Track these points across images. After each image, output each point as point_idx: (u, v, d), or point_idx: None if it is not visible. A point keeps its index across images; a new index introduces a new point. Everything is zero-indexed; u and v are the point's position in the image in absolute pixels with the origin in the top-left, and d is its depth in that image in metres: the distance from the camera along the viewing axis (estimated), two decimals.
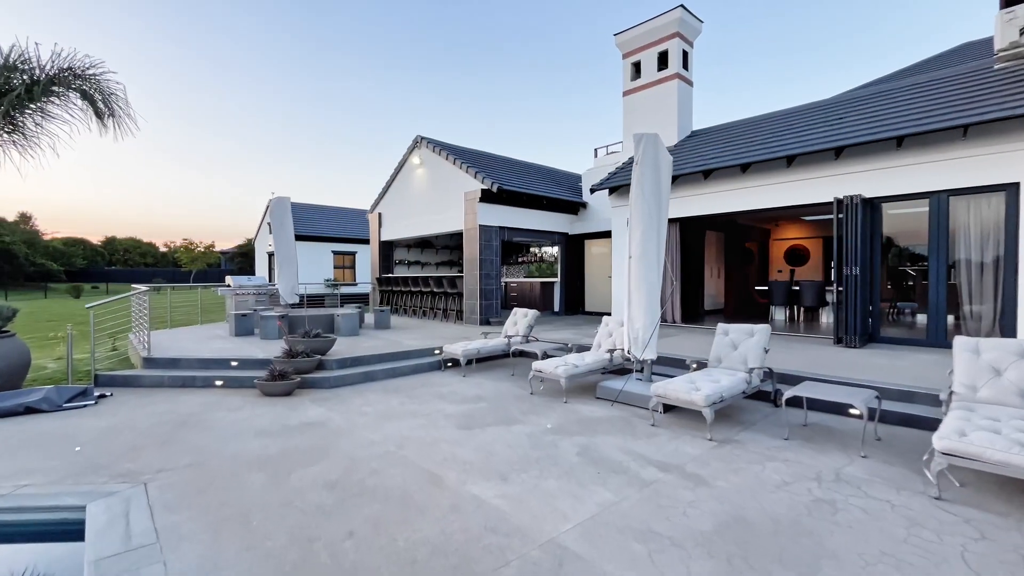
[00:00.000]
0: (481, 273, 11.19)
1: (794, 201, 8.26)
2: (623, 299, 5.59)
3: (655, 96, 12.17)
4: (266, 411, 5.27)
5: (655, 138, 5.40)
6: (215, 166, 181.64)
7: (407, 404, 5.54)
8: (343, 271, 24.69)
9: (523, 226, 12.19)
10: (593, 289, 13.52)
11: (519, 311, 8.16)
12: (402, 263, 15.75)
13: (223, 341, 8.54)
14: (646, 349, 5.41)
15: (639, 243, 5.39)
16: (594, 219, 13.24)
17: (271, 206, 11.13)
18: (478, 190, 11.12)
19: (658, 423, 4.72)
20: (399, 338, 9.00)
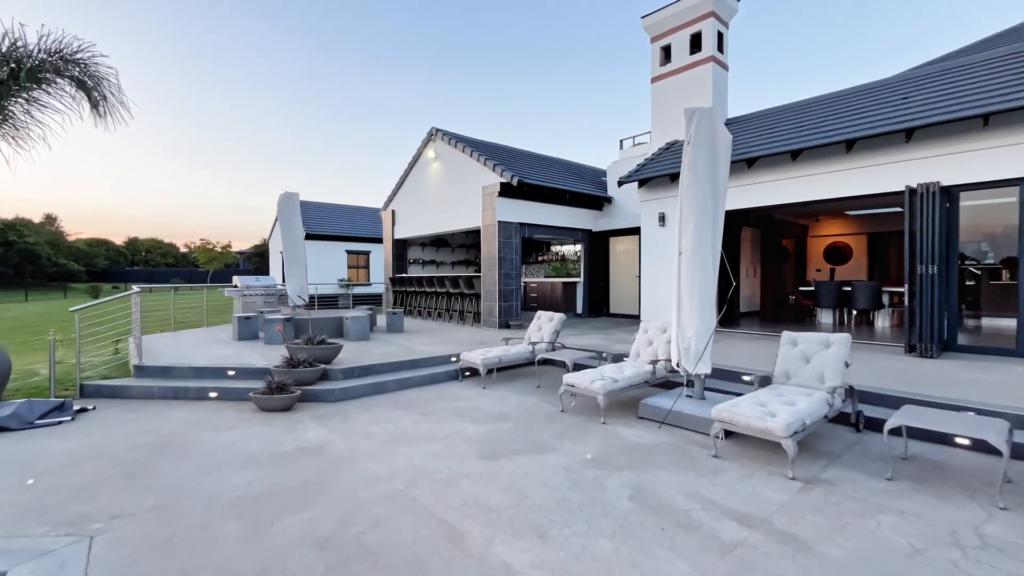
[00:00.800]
0: (500, 273, 10.45)
1: (855, 191, 7.33)
2: (672, 303, 4.78)
3: (687, 82, 11.28)
4: (259, 431, 4.59)
5: (710, 113, 4.58)
6: (231, 167, 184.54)
7: (420, 423, 4.81)
8: (357, 271, 24.20)
9: (544, 222, 11.41)
10: (619, 290, 12.68)
11: (543, 315, 7.39)
12: (416, 262, 15.10)
13: (224, 346, 7.93)
14: (699, 362, 4.60)
15: (691, 237, 4.58)
16: (620, 215, 12.39)
17: (279, 203, 10.54)
18: (497, 184, 10.37)
19: (721, 453, 3.91)
20: (412, 343, 8.30)
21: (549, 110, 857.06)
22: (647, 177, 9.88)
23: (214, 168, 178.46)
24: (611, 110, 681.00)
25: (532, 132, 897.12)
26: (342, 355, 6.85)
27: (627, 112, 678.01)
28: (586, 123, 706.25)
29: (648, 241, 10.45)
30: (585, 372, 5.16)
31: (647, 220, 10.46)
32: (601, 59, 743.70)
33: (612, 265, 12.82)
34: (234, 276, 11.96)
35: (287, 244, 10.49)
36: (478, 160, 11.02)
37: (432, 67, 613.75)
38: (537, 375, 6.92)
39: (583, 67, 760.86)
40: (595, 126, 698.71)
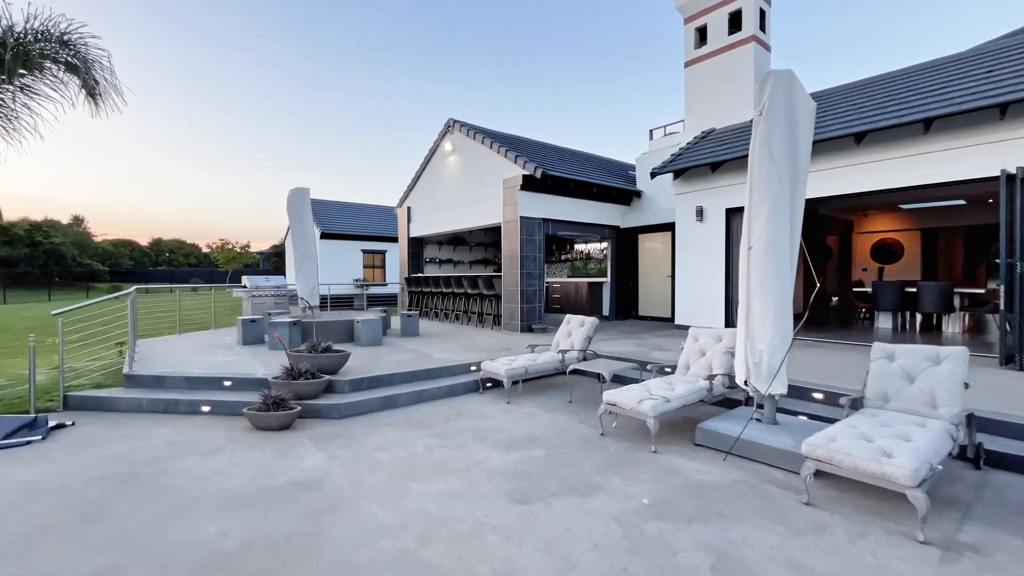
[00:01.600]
0: (522, 272, 9.70)
1: (934, 178, 6.38)
2: (739, 308, 3.96)
3: (725, 65, 10.38)
4: (248, 456, 3.92)
5: (789, 77, 3.75)
6: (250, 168, 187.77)
7: (436, 448, 4.09)
8: (373, 271, 23.73)
9: (569, 218, 10.62)
10: (648, 290, 11.82)
11: (573, 319, 6.62)
12: (433, 261, 14.45)
13: (226, 352, 7.35)
14: (774, 380, 3.78)
15: (764, 227, 3.76)
16: (650, 210, 11.53)
17: (289, 199, 9.95)
18: (519, 176, 9.63)
19: (814, 499, 3.09)
20: (428, 349, 7.60)
21: (572, 101, 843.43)
22: (684, 167, 9.02)
23: (234, 169, 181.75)
24: (638, 100, 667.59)
25: (554, 125, 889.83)
26: (350, 363, 6.18)
27: (655, 102, 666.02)
28: (611, 115, 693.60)
29: (684, 237, 9.59)
30: (628, 388, 4.38)
31: (683, 215, 9.59)
32: (626, 46, 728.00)
33: (641, 264, 11.96)
34: (243, 276, 11.45)
35: (297, 242, 9.90)
36: (498, 152, 10.29)
37: (448, 60, 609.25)
38: (567, 387, 6.15)
39: (607, 55, 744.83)
40: (620, 118, 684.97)
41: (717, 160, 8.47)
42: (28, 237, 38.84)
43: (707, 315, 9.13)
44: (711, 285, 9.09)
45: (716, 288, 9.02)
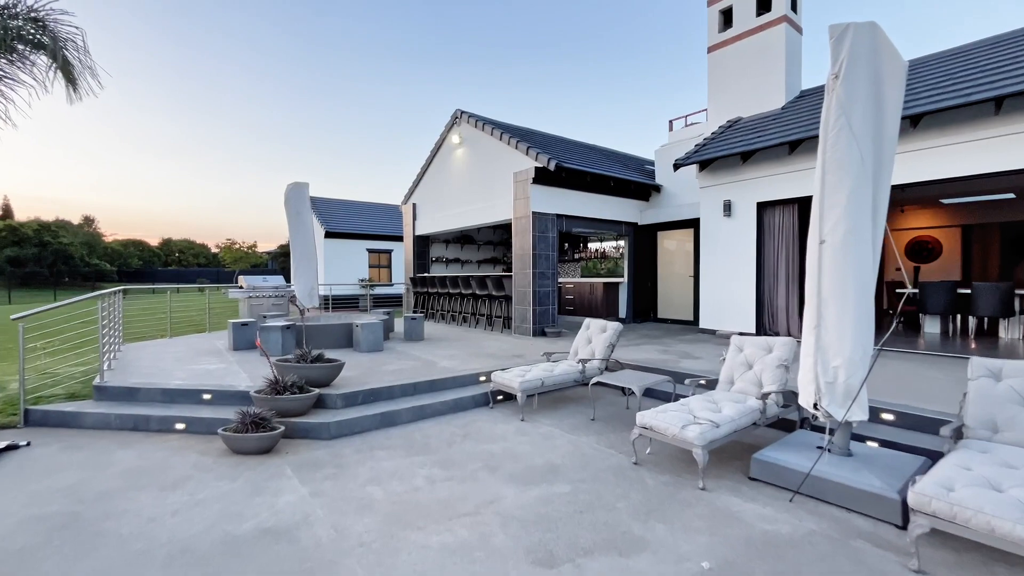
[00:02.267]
0: (534, 272, 9.03)
1: (1008, 164, 5.62)
2: (810, 317, 3.25)
3: (753, 48, 9.64)
4: (216, 491, 3.29)
5: (872, 30, 3.04)
6: (259, 167, 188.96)
7: (439, 480, 3.44)
8: (378, 270, 23.18)
9: (584, 214, 9.93)
10: (668, 291, 11.09)
11: (594, 324, 5.94)
12: (439, 261, 13.82)
13: (214, 358, 6.75)
14: (853, 404, 3.08)
15: (842, 216, 3.06)
16: (670, 205, 10.81)
17: (286, 194, 9.38)
18: (531, 169, 8.96)
19: (927, 564, 2.39)
20: (434, 356, 6.95)
21: (583, 94, 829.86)
22: (710, 158, 8.30)
23: (242, 168, 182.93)
24: (650, 96, 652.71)
25: (561, 123, 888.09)
26: (347, 373, 5.55)
27: (670, 98, 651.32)
28: (621, 112, 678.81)
29: (709, 234, 8.86)
30: (666, 409, 3.70)
31: (708, 210, 8.87)
32: (642, 33, 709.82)
33: (660, 263, 11.24)
34: (240, 276, 10.90)
35: (295, 240, 9.33)
36: (509, 143, 9.63)
37: (455, 56, 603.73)
38: (588, 401, 5.48)
39: (621, 44, 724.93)
40: (631, 115, 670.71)
41: (748, 149, 7.74)
42: (36, 237, 38.82)
43: (735, 319, 8.41)
44: (740, 286, 8.36)
45: (746, 290, 8.30)
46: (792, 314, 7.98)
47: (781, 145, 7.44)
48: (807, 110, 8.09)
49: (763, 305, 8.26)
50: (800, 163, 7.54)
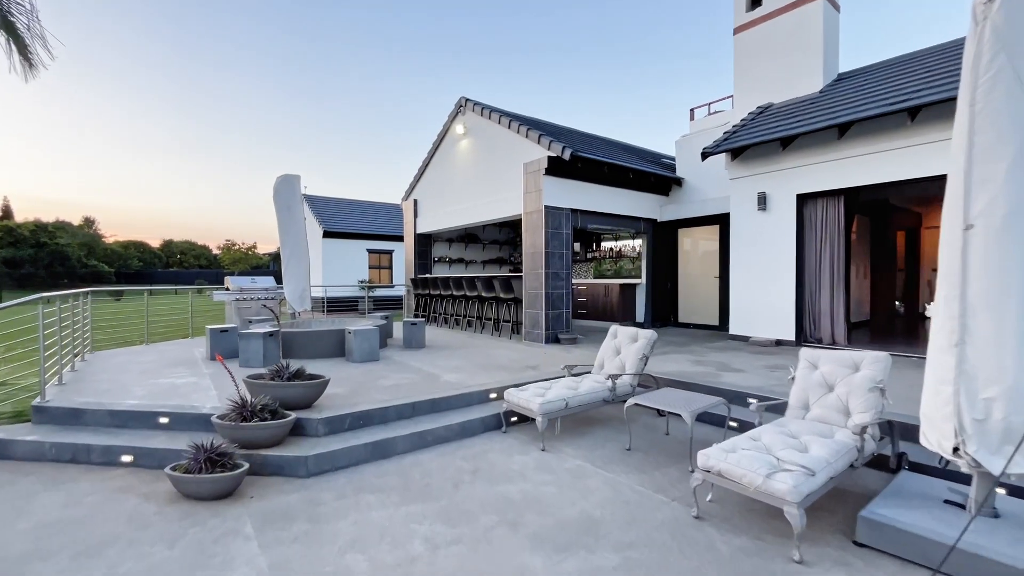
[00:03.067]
0: (548, 272, 8.19)
1: None
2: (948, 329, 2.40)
3: (786, 28, 8.80)
4: (146, 562, 2.46)
5: None
6: (258, 166, 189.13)
7: (443, 544, 2.61)
8: (379, 271, 22.39)
9: (600, 209, 9.10)
10: (690, 293, 10.23)
11: (622, 332, 5.10)
12: (442, 261, 13.00)
13: (185, 371, 5.93)
14: (1016, 452, 2.23)
15: (1001, 191, 2.21)
16: (692, 200, 9.96)
17: (275, 187, 8.60)
18: (543, 159, 8.13)
19: None
20: (436, 367, 6.12)
21: (594, 85, 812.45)
22: (745, 145, 7.46)
23: (243, 169, 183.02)
24: (670, 80, 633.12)
25: (574, 113, 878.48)
26: (333, 390, 4.73)
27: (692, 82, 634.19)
28: (638, 98, 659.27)
29: (741, 231, 8.02)
30: (734, 447, 2.85)
31: (739, 203, 8.03)
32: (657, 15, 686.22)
33: (681, 263, 10.39)
34: (226, 277, 10.10)
35: (286, 237, 8.54)
36: (519, 132, 8.81)
37: (457, 45, 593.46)
38: (620, 424, 4.64)
39: (635, 28, 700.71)
40: (649, 100, 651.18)
41: (791, 134, 6.90)
42: (33, 238, 38.23)
43: (772, 325, 7.56)
44: (777, 288, 7.51)
45: (783, 292, 7.45)
46: (838, 320, 7.12)
47: (828, 129, 6.60)
48: (855, 91, 7.25)
49: (804, 309, 7.41)
50: (849, 149, 6.70)
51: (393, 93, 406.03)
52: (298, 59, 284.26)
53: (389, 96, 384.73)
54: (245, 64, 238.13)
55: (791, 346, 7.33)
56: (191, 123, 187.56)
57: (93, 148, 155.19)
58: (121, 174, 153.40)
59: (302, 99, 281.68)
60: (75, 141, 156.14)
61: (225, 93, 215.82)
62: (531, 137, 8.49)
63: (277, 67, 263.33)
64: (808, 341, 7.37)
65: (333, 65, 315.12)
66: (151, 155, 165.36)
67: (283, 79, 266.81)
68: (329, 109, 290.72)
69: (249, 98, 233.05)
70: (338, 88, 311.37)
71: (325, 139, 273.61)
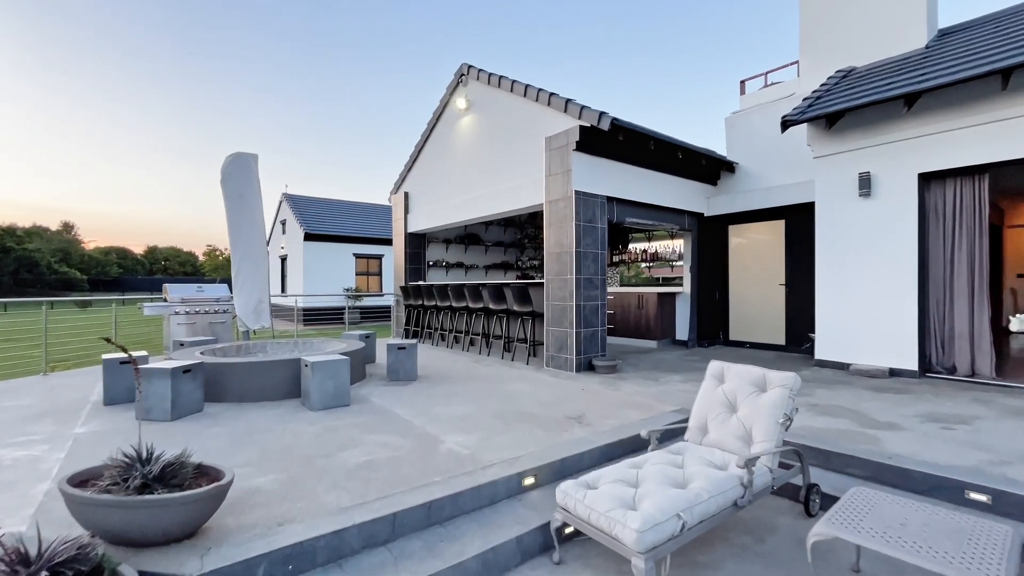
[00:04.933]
0: (579, 278, 6.25)
1: None
2: None
3: None
4: None
5: None
6: None
7: None
8: (367, 278, 20.37)
9: (641, 198, 7.20)
10: (744, 305, 8.33)
11: (736, 373, 3.11)
12: (438, 265, 11.03)
13: (46, 429, 3.89)
14: None
15: None
16: (748, 189, 8.08)
17: (224, 170, 6.67)
18: (574, 129, 6.21)
19: None
20: (433, 421, 4.12)
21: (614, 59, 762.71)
22: (850, 107, 5.58)
23: None
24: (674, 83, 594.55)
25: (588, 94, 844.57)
26: (260, 480, 2.74)
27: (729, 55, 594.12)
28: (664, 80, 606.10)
29: (832, 224, 6.14)
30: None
31: (830, 188, 6.16)
32: None
33: (733, 267, 8.50)
34: (165, 285, 8.06)
35: (236, 234, 6.58)
36: (538, 100, 6.91)
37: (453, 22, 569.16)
38: (750, 535, 2.67)
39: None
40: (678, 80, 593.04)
41: (924, 86, 5.03)
42: None
43: (882, 348, 5.66)
44: (891, 300, 5.63)
45: (900, 306, 5.56)
46: (980, 344, 5.23)
47: (982, 78, 4.75)
48: (954, 51, 5.44)
49: (928, 329, 5.52)
50: (1005, 107, 4.85)
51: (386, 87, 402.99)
52: (285, 60, 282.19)
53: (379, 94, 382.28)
54: (236, 67, 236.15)
55: (911, 377, 5.44)
56: (180, 128, 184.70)
57: (76, 153, 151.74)
58: (106, 180, 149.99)
59: (290, 101, 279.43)
60: (56, 146, 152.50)
61: (213, 97, 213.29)
62: (555, 105, 6.58)
63: (267, 70, 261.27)
64: (935, 371, 5.48)
65: (324, 63, 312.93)
66: (137, 160, 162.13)
67: (270, 81, 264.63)
68: (316, 111, 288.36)
69: (239, 102, 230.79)
70: (331, 87, 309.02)
71: (310, 140, 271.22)
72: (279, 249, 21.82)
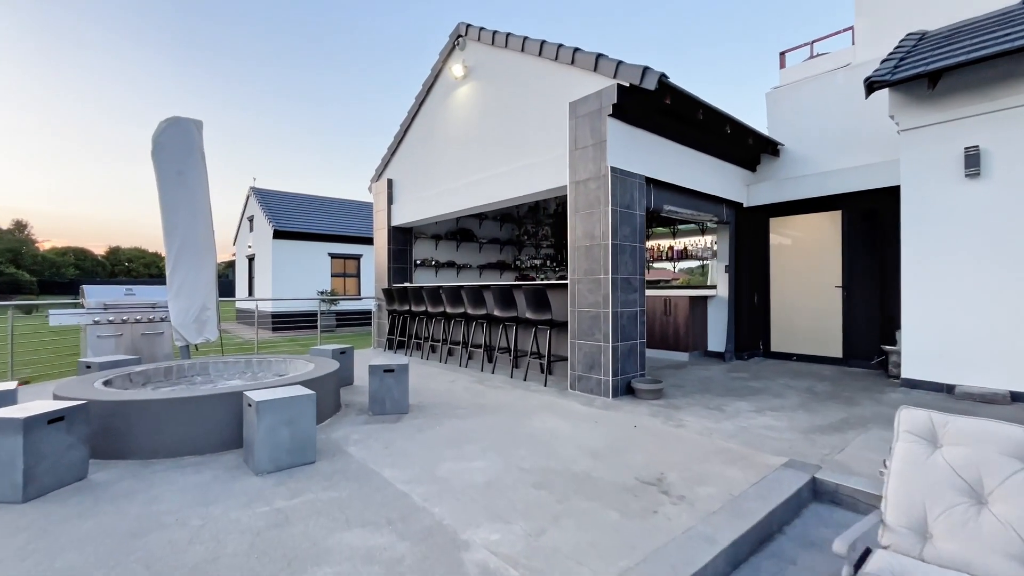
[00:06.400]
0: (615, 279, 4.92)
1: None
2: None
3: None
4: None
5: None
6: (216, 171, 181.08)
7: None
8: (343, 280, 18.71)
9: (681, 182, 5.93)
10: (789, 311, 7.14)
11: (990, 433, 1.83)
12: (426, 264, 9.59)
13: None
14: None
15: None
16: (795, 175, 6.90)
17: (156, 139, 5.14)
18: (609, 89, 4.89)
19: None
20: (444, 499, 2.73)
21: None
22: (969, 59, 4.41)
23: None
24: None
25: None
26: None
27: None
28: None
29: (925, 211, 4.97)
30: None
31: (920, 167, 4.99)
32: None
33: (775, 266, 7.31)
34: (83, 286, 6.43)
35: (173, 223, 5.09)
36: (557, 59, 5.58)
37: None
38: None
39: None
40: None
41: None
42: None
43: (1002, 366, 4.49)
44: (1002, 308, 4.47)
45: (1017, 312, 4.41)
46: None
47: None
48: None
49: None
50: None
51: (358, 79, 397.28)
52: (255, 55, 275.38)
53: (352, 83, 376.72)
54: (200, 62, 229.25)
55: None
56: (144, 124, 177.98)
57: (31, 151, 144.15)
58: (67, 178, 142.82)
59: (264, 95, 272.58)
60: (11, 144, 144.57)
61: (178, 95, 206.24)
62: (581, 63, 5.27)
63: (237, 65, 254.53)
64: None
65: (298, 59, 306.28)
66: (97, 159, 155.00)
67: (242, 70, 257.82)
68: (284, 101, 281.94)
69: (206, 99, 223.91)
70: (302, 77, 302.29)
71: (287, 135, 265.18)
72: (246, 248, 19.98)
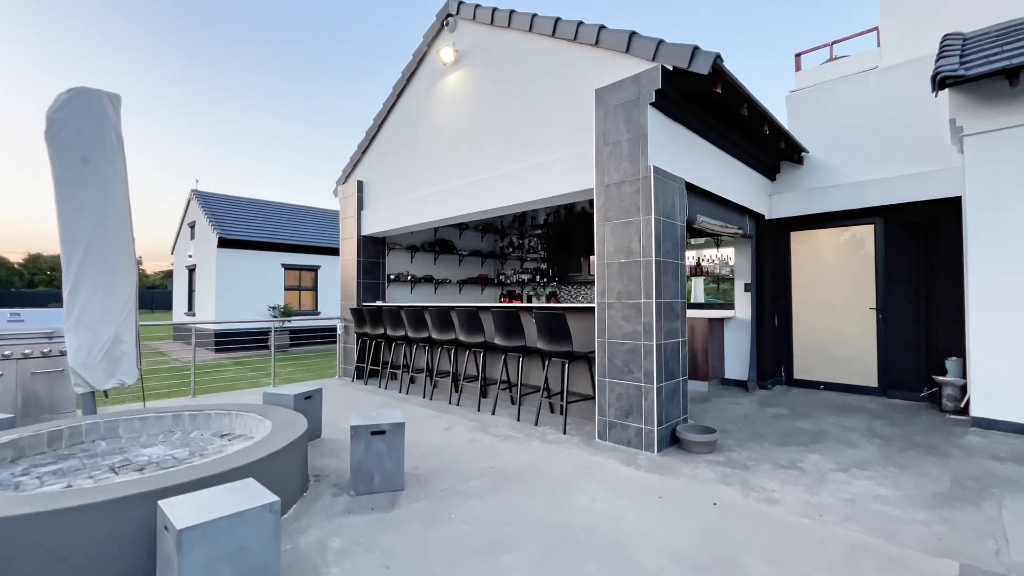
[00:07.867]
0: (659, 304, 4.00)
1: None
2: None
3: None
4: None
5: None
6: (155, 172, 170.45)
7: None
8: (299, 293, 17.03)
9: (715, 189, 5.11)
10: (813, 334, 6.47)
11: None
12: (400, 279, 8.38)
13: None
14: None
15: None
16: (822, 184, 6.28)
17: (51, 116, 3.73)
18: (652, 72, 4.00)
19: None
20: None
21: None
22: None
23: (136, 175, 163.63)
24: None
25: None
26: None
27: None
28: None
29: (1000, 223, 4.35)
30: None
31: (994, 174, 4.38)
32: None
33: (796, 285, 6.65)
34: None
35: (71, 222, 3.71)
36: (576, 40, 4.66)
37: None
38: None
39: None
40: None
41: None
42: None
43: None
44: None
45: None
46: None
47: None
48: None
49: None
50: None
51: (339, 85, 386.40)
52: (207, 49, 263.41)
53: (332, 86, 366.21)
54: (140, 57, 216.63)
55: None
56: None
57: None
58: None
59: (216, 95, 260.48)
60: None
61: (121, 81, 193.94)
62: (608, 44, 4.37)
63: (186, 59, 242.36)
64: None
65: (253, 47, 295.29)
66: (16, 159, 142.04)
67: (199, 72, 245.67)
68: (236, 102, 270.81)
69: (154, 96, 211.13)
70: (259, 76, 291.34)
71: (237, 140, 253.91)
72: (186, 258, 17.91)
